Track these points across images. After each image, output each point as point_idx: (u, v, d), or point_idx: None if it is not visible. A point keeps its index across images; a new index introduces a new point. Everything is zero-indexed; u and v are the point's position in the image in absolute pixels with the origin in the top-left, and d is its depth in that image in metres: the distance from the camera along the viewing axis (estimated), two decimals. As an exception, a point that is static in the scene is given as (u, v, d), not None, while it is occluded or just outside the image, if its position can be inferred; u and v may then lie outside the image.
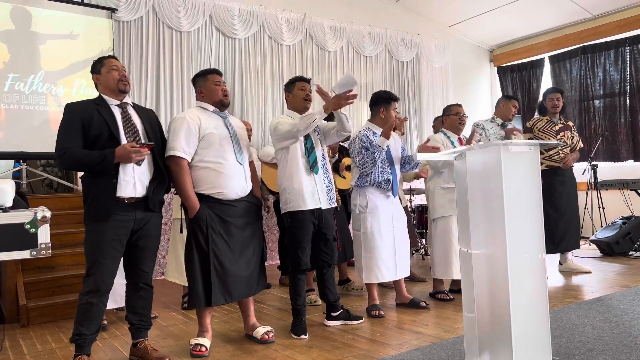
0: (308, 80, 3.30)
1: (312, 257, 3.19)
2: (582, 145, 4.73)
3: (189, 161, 2.80)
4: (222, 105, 2.95)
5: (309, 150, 3.16)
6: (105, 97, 2.65)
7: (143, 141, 2.60)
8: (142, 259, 2.66)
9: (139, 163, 2.56)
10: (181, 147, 2.75)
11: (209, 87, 2.93)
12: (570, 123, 4.72)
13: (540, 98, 4.81)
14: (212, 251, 2.77)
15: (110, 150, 2.46)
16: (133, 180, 2.55)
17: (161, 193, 2.70)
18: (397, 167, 3.63)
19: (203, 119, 2.84)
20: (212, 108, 2.94)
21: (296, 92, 3.25)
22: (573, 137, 4.63)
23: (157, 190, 2.65)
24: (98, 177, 2.50)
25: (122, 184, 2.51)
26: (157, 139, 2.71)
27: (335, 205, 3.29)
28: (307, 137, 3.17)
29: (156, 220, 2.71)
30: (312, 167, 3.14)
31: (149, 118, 2.75)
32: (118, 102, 2.65)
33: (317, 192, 3.12)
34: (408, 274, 3.64)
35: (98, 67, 2.68)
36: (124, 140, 2.54)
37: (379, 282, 3.54)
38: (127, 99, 2.71)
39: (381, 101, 3.58)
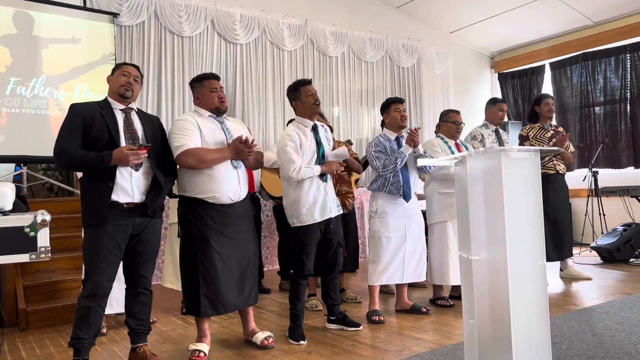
0: (310, 82, 3.21)
1: (317, 262, 3.20)
2: (573, 149, 4.73)
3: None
4: (218, 112, 2.92)
5: (320, 158, 3.15)
6: (111, 100, 2.67)
7: (140, 143, 2.60)
8: (141, 264, 2.65)
9: (136, 168, 2.57)
10: (187, 143, 2.72)
11: (205, 93, 2.90)
12: (560, 128, 4.72)
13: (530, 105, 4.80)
14: (201, 263, 2.75)
15: (108, 153, 2.47)
16: (130, 186, 2.55)
17: (160, 200, 2.68)
18: (413, 172, 3.59)
19: (200, 123, 2.84)
20: (207, 113, 2.91)
21: (304, 98, 3.15)
22: (569, 145, 4.65)
23: (154, 197, 2.64)
24: (95, 180, 2.51)
25: (119, 188, 2.52)
26: (157, 147, 2.70)
27: (342, 212, 3.28)
28: (319, 147, 3.17)
29: (156, 225, 2.70)
30: (322, 175, 3.15)
31: (152, 125, 2.75)
32: (123, 107, 2.66)
33: (328, 202, 3.13)
34: (422, 279, 3.65)
35: (115, 69, 2.73)
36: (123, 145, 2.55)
37: (382, 284, 3.57)
38: (133, 105, 2.72)
39: (382, 108, 3.70)
